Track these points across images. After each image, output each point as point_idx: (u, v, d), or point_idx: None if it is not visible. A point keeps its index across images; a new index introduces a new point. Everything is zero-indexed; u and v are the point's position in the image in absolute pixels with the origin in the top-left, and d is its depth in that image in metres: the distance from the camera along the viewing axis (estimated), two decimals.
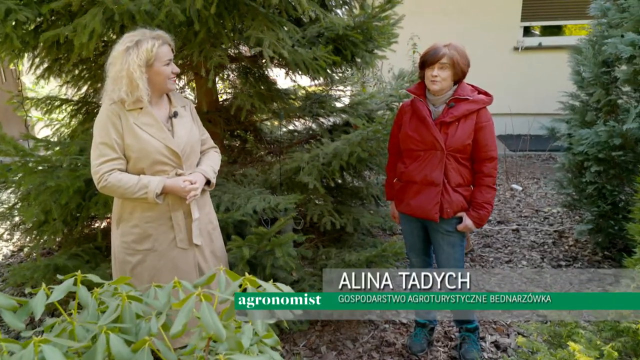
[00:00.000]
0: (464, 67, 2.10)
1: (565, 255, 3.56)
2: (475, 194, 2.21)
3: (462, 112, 2.11)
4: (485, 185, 2.18)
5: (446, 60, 2.07)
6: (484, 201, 2.18)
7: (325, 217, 2.89)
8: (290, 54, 2.42)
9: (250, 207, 2.48)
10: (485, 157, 2.16)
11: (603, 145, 3.02)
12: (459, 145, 2.12)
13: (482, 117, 2.13)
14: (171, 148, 1.87)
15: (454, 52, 2.06)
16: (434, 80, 2.10)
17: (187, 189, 1.87)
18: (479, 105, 2.12)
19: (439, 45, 2.09)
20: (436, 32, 6.59)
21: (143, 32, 1.84)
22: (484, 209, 2.18)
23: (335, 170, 2.71)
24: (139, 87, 1.77)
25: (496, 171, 2.18)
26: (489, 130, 2.15)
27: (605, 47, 3.02)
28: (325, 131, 3.47)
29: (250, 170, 3.20)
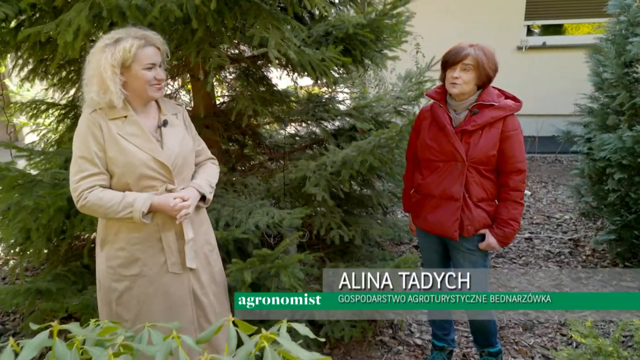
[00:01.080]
0: (490, 71, 1.89)
1: (584, 266, 3.37)
2: (500, 210, 2.00)
3: (487, 120, 1.90)
4: (511, 201, 1.97)
5: (470, 61, 1.86)
6: (509, 218, 1.97)
7: (333, 230, 2.68)
8: (297, 55, 2.21)
9: (252, 222, 2.27)
10: (511, 170, 1.95)
11: (628, 151, 2.83)
12: (482, 156, 1.92)
13: (509, 125, 1.92)
14: (160, 160, 1.66)
15: (479, 52, 1.86)
16: (454, 83, 1.89)
17: (177, 207, 1.65)
18: (506, 112, 1.91)
19: (464, 45, 1.89)
20: (439, 32, 6.43)
21: (128, 30, 1.63)
22: (510, 226, 1.97)
23: (345, 180, 2.50)
24: (110, 88, 1.56)
25: (524, 185, 1.98)
26: (517, 140, 1.94)
27: (629, 47, 2.83)
28: (330, 136, 3.26)
29: (251, 179, 2.98)
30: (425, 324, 2.75)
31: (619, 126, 2.99)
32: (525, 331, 2.69)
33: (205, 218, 1.92)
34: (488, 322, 2.20)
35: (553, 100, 6.33)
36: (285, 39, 2.09)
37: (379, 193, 3.13)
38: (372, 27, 2.54)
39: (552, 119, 6.14)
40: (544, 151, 6.27)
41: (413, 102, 3.47)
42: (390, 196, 3.50)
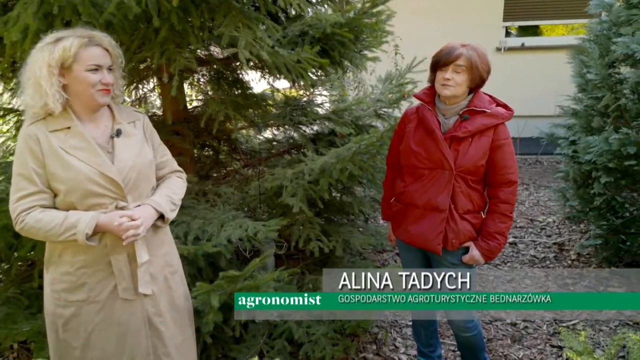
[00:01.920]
0: (484, 72, 1.76)
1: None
2: (487, 222, 1.87)
3: (478, 127, 1.77)
4: (499, 213, 1.84)
5: (463, 62, 1.73)
6: (496, 231, 1.84)
7: (312, 242, 2.53)
8: (271, 56, 2.05)
9: (224, 236, 2.10)
10: (502, 181, 1.83)
11: (614, 154, 2.76)
12: (471, 165, 1.79)
13: (501, 134, 1.79)
14: (108, 176, 1.48)
15: (473, 53, 1.73)
16: (445, 84, 1.76)
17: (123, 226, 1.47)
18: (498, 120, 1.79)
19: (455, 44, 1.76)
20: (417, 33, 6.36)
21: (75, 30, 1.47)
22: (495, 239, 1.85)
23: (323, 189, 2.35)
24: (45, 90, 1.40)
25: (515, 198, 1.85)
26: (508, 150, 1.82)
27: (614, 47, 2.76)
28: (308, 141, 3.10)
29: (225, 188, 2.81)
30: (411, 338, 2.62)
31: (604, 128, 2.92)
32: (514, 343, 2.58)
33: (166, 238, 1.75)
34: (474, 336, 2.07)
35: (534, 101, 6.31)
36: (258, 39, 1.93)
37: (360, 200, 2.99)
38: (351, 26, 2.40)
39: (534, 120, 6.12)
40: (524, 152, 6.24)
41: (394, 105, 3.36)
42: (372, 203, 3.36)
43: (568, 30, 7.56)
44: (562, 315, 2.81)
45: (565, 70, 5.03)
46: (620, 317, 2.73)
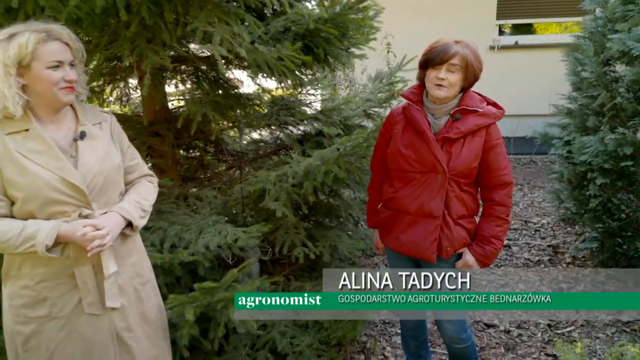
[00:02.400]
0: (478, 71, 1.67)
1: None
2: (482, 226, 1.78)
3: (470, 127, 1.67)
4: (495, 216, 1.75)
5: (458, 61, 1.63)
6: (492, 235, 1.75)
7: (297, 248, 2.42)
8: (250, 53, 1.94)
9: (202, 243, 1.98)
10: (497, 183, 1.74)
11: (610, 155, 2.66)
12: (464, 168, 1.70)
13: (493, 134, 1.71)
14: (70, 182, 1.37)
15: (467, 51, 1.63)
16: (439, 85, 1.66)
17: (87, 236, 1.36)
18: (490, 119, 1.70)
19: (449, 41, 1.65)
20: (410, 31, 6.25)
21: (29, 23, 1.35)
22: (491, 244, 1.75)
23: (307, 193, 2.24)
24: (3, 93, 1.29)
25: (510, 199, 1.76)
26: (501, 150, 1.73)
27: (610, 44, 2.66)
28: (295, 142, 2.99)
29: (207, 191, 2.69)
30: (400, 347, 2.52)
31: (599, 128, 2.83)
32: (508, 352, 2.49)
33: (136, 246, 1.63)
34: (467, 348, 1.97)
35: (528, 100, 6.23)
36: (235, 35, 1.82)
37: (348, 203, 2.88)
38: (336, 22, 2.29)
39: (528, 119, 6.04)
40: (518, 152, 6.16)
41: (384, 105, 3.26)
42: (362, 205, 3.26)
43: (562, 29, 7.50)
44: (557, 321, 2.72)
45: (560, 68, 4.94)
46: (617, 323, 2.64)
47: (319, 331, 2.34)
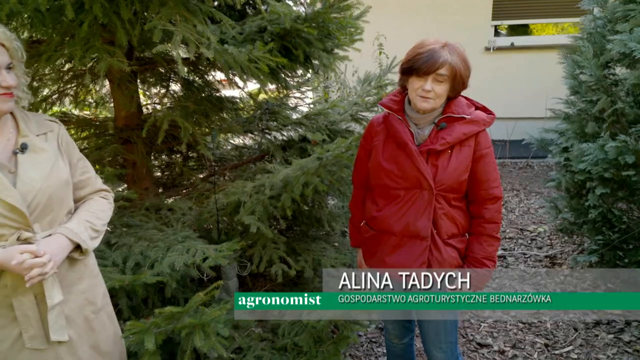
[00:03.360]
0: (466, 79, 1.50)
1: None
2: (473, 247, 1.61)
3: (457, 137, 1.50)
4: (486, 235, 1.58)
5: (446, 71, 1.45)
6: (484, 256, 1.58)
7: (275, 265, 2.25)
8: (218, 54, 1.77)
9: (167, 262, 1.81)
10: (486, 197, 1.57)
11: (610, 163, 2.50)
12: (453, 182, 1.52)
13: (482, 143, 1.54)
14: (6, 202, 1.20)
15: (455, 59, 1.45)
16: (425, 97, 1.48)
17: (24, 265, 1.18)
18: (479, 127, 1.52)
19: (436, 47, 1.45)
20: (403, 32, 6.09)
21: None
22: (485, 266, 1.58)
23: (286, 206, 2.07)
24: None
25: (501, 215, 1.59)
26: (490, 160, 1.56)
27: (610, 46, 2.50)
28: (277, 148, 2.82)
29: (182, 202, 2.51)
30: None
31: (599, 134, 2.67)
32: None
33: (88, 271, 1.46)
34: None
35: (525, 103, 6.09)
36: (200, 34, 1.65)
37: (331, 214, 2.70)
38: (316, 21, 2.12)
39: (524, 122, 5.89)
40: (514, 156, 6.01)
41: (372, 109, 3.09)
42: (349, 214, 3.09)
43: (558, 30, 7.37)
44: (554, 340, 2.55)
45: (557, 70, 4.79)
46: (619, 342, 2.48)
47: (298, 355, 2.17)
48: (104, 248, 1.96)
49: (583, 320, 2.68)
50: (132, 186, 2.72)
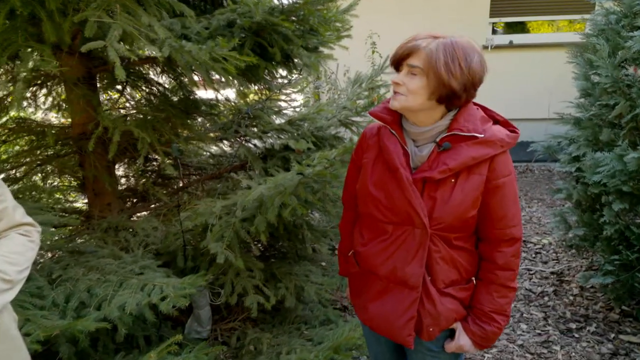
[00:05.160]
0: (455, 83, 1.12)
1: (573, 312, 2.75)
2: (481, 297, 1.27)
3: (464, 162, 1.16)
4: (498, 285, 1.25)
5: (417, 62, 1.13)
6: (494, 310, 1.25)
7: (249, 297, 1.95)
8: (175, 52, 1.46)
9: (117, 303, 1.50)
10: (501, 238, 1.23)
11: (630, 175, 2.22)
12: (456, 219, 1.19)
13: (500, 169, 1.19)
14: None
15: (437, 48, 1.11)
16: (395, 92, 1.18)
17: None
18: (494, 149, 1.17)
19: (420, 35, 1.16)
20: (399, 30, 5.78)
21: None
22: (494, 322, 1.25)
23: (260, 230, 1.77)
24: None
25: (519, 260, 1.27)
26: (510, 192, 1.21)
27: (629, 43, 2.22)
28: (256, 159, 2.52)
29: (146, 222, 2.21)
30: None
31: (615, 142, 2.38)
32: None
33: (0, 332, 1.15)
34: None
35: (524, 103, 5.81)
36: (147, 28, 1.34)
37: (317, 233, 2.40)
38: (295, 14, 1.83)
39: (525, 123, 5.61)
40: (514, 160, 5.72)
41: (363, 113, 2.80)
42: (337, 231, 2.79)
43: (554, 29, 7.10)
44: None
45: (559, 70, 4.52)
46: None
47: None
48: (44, 284, 1.65)
49: (599, 350, 2.40)
50: (93, 201, 2.42)
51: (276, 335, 2.17)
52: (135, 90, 2.13)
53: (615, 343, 2.45)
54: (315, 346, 2.02)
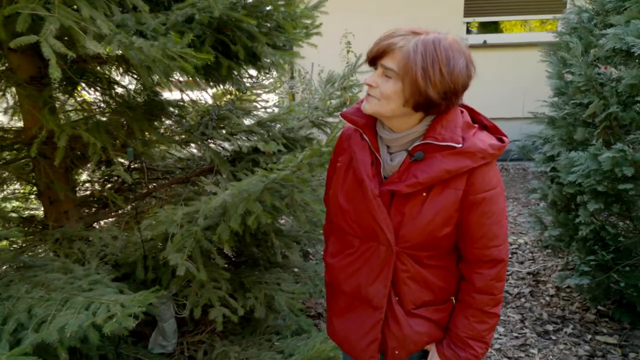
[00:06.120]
0: (429, 87, 0.99)
1: (550, 313, 2.72)
2: (458, 321, 1.17)
3: (437, 174, 1.04)
4: (475, 309, 1.14)
5: (392, 64, 1.00)
6: (470, 336, 1.14)
7: (215, 310, 1.83)
8: (124, 49, 1.35)
9: (56, 325, 1.37)
10: (480, 258, 1.12)
11: (604, 175, 2.19)
12: (424, 237, 1.08)
13: (478, 184, 1.06)
14: None
15: (416, 50, 0.98)
16: (367, 94, 1.07)
17: None
18: (473, 161, 1.04)
19: (398, 31, 1.03)
20: (373, 30, 5.75)
21: None
22: (470, 349, 1.14)
23: (223, 239, 1.66)
24: None
25: (502, 284, 1.15)
26: (491, 210, 1.08)
27: (602, 41, 2.19)
28: (223, 162, 2.40)
29: (105, 232, 2.07)
30: None
31: (589, 142, 2.35)
32: None
33: None
34: None
35: (499, 103, 5.82)
36: (89, 20, 1.22)
37: (288, 239, 2.30)
38: (259, 9, 1.72)
39: (500, 123, 5.61)
40: None
41: (336, 114, 2.71)
42: (313, 230, 2.69)
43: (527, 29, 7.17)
44: None
45: (533, 69, 4.53)
46: None
47: None
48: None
49: (575, 352, 2.36)
50: (49, 210, 2.27)
51: (245, 348, 2.06)
52: (97, 92, 1.99)
53: (592, 344, 2.42)
54: (286, 359, 1.92)
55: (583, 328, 2.56)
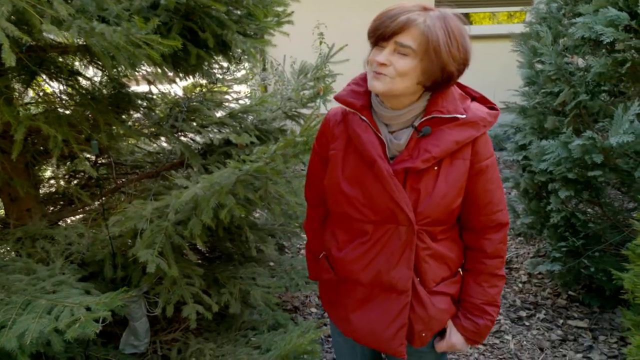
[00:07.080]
0: (450, 62, 0.99)
1: (523, 299, 2.77)
2: (471, 289, 1.18)
3: (448, 148, 1.04)
4: (488, 274, 1.16)
5: (411, 41, 0.98)
6: (485, 301, 1.16)
7: (188, 307, 1.78)
8: (85, 35, 1.27)
9: (15, 332, 1.29)
10: (487, 225, 1.14)
11: (574, 163, 2.23)
12: (441, 212, 1.09)
13: (483, 151, 1.09)
14: None
15: (435, 25, 0.97)
16: (378, 73, 1.01)
17: None
18: (477, 130, 1.06)
19: (408, 7, 1.01)
20: (346, 21, 5.71)
21: None
22: (486, 315, 1.16)
23: (195, 234, 1.60)
24: None
25: (506, 247, 1.19)
26: (493, 176, 1.12)
27: (571, 30, 2.22)
28: (194, 155, 2.33)
29: (70, 229, 1.98)
30: None
31: (560, 130, 2.39)
32: None
33: None
34: None
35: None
36: (47, 5, 1.14)
37: (262, 232, 2.26)
38: None
39: None
40: None
41: (309, 105, 2.68)
42: (288, 224, 2.65)
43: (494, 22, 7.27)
44: None
45: (504, 61, 4.58)
46: None
47: None
48: None
49: (548, 337, 2.41)
50: (10, 208, 2.15)
51: (221, 345, 2.01)
52: (59, 84, 1.89)
53: (564, 329, 2.47)
54: (263, 354, 1.89)
55: (555, 313, 2.62)
